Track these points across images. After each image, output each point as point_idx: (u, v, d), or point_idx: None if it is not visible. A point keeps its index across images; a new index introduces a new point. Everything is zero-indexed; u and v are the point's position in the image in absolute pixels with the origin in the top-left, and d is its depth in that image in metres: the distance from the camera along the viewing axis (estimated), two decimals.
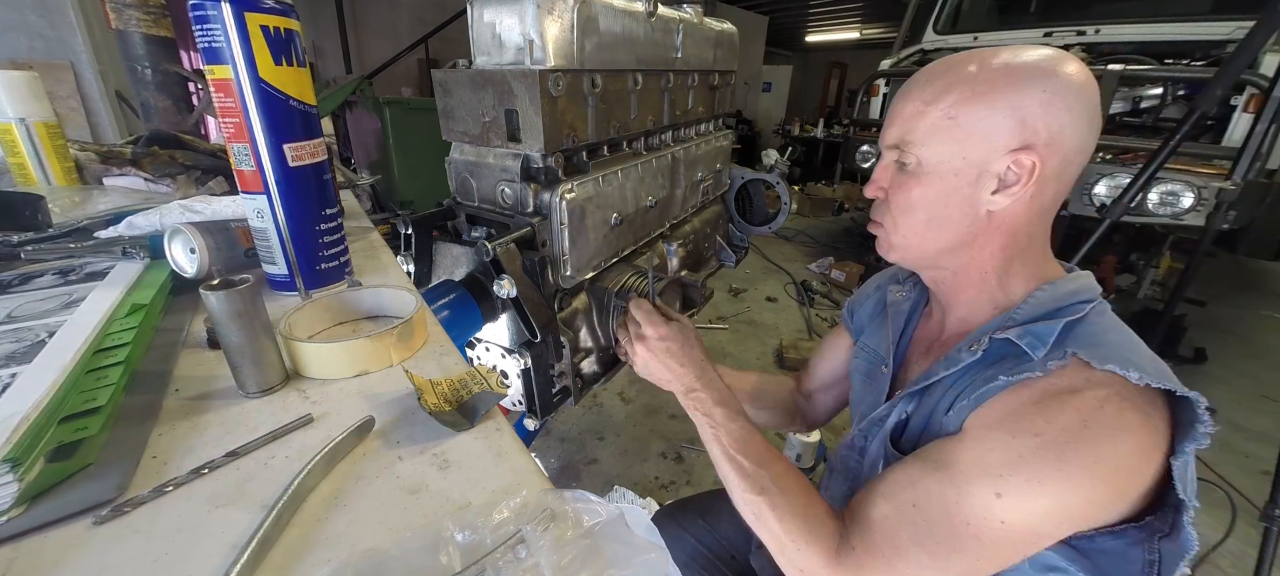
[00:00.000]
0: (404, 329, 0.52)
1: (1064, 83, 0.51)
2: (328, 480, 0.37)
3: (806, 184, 6.73)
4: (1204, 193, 2.20)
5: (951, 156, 0.55)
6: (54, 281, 0.61)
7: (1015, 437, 0.47)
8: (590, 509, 0.34)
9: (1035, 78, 0.51)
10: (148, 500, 0.34)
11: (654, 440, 2.07)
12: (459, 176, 0.83)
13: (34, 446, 0.34)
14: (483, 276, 0.78)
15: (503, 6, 0.69)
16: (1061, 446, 0.45)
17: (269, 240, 0.60)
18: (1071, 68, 0.52)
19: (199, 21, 0.50)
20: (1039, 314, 0.55)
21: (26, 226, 0.71)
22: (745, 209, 1.52)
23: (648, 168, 0.95)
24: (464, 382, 0.46)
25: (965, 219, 0.57)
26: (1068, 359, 0.48)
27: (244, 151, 0.55)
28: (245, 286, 0.43)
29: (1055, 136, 0.52)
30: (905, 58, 3.58)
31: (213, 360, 0.50)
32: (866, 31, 10.93)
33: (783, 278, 3.80)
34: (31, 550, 0.31)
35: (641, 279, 0.87)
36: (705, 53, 1.10)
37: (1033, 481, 0.45)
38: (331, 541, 0.33)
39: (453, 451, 0.41)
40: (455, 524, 0.33)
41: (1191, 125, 1.24)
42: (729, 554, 0.91)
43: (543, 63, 0.69)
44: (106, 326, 0.49)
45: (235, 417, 0.43)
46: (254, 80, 0.52)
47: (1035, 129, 0.52)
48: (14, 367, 0.42)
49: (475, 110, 0.75)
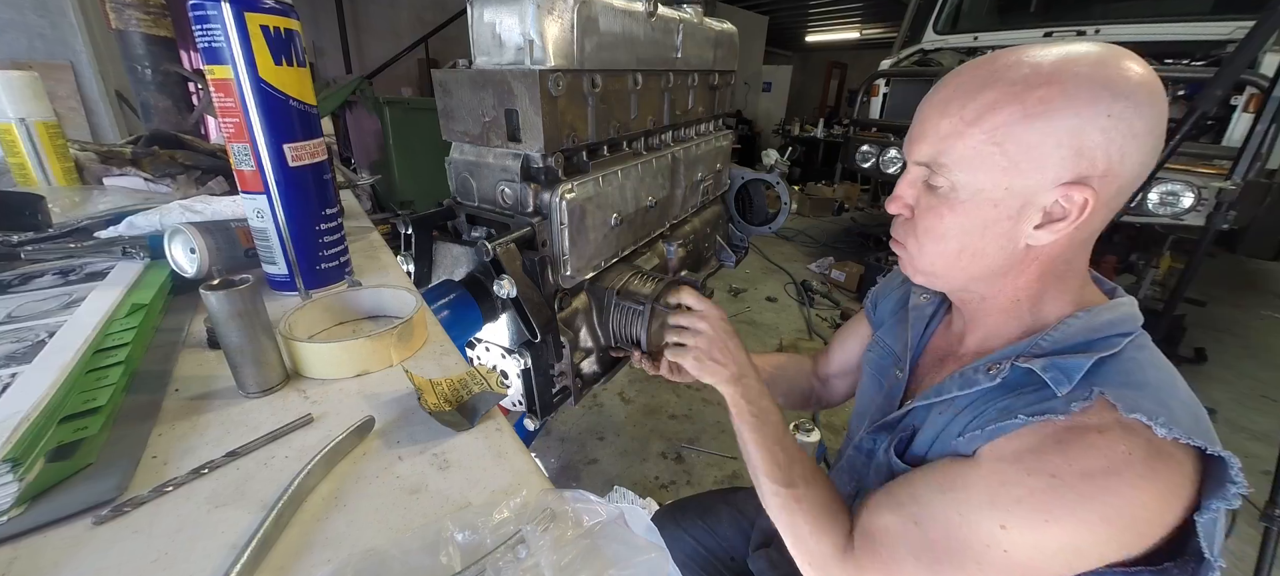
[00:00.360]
0: (404, 329, 0.52)
1: (1132, 101, 0.43)
2: (328, 480, 0.37)
3: (806, 184, 6.73)
4: (1204, 192, 2.20)
5: (993, 186, 0.48)
6: (54, 281, 0.61)
7: (1030, 475, 0.44)
8: (590, 509, 0.34)
9: (1099, 96, 0.43)
10: (148, 500, 0.34)
11: (654, 440, 2.07)
12: (459, 176, 0.83)
13: (34, 446, 0.34)
14: (483, 276, 0.78)
15: (503, 6, 0.69)
16: (1078, 490, 0.42)
17: (269, 240, 0.60)
18: (1137, 74, 0.44)
19: (199, 21, 0.50)
20: (1068, 344, 0.50)
21: (26, 226, 0.70)
22: (745, 209, 1.52)
23: (648, 168, 0.95)
24: (464, 382, 0.46)
25: (1001, 252, 0.51)
26: (1093, 399, 0.44)
27: (244, 151, 0.55)
28: (245, 286, 0.43)
29: (1114, 166, 0.45)
30: (905, 58, 3.58)
31: (213, 360, 0.50)
32: (866, 31, 10.93)
33: (783, 278, 3.80)
34: (31, 550, 0.31)
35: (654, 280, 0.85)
36: (705, 52, 1.10)
37: (1043, 519, 0.43)
38: (331, 541, 0.33)
39: (453, 451, 0.41)
40: (455, 524, 0.33)
41: (1192, 125, 1.24)
42: (728, 555, 0.91)
43: (543, 62, 0.69)
44: (106, 326, 0.49)
45: (235, 417, 0.43)
46: (254, 80, 0.52)
47: (1093, 159, 0.45)
48: (14, 367, 0.42)
49: (475, 110, 0.75)
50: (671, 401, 2.26)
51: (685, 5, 1.01)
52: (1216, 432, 0.43)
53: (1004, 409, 0.49)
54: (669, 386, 2.35)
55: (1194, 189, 2.23)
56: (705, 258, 1.35)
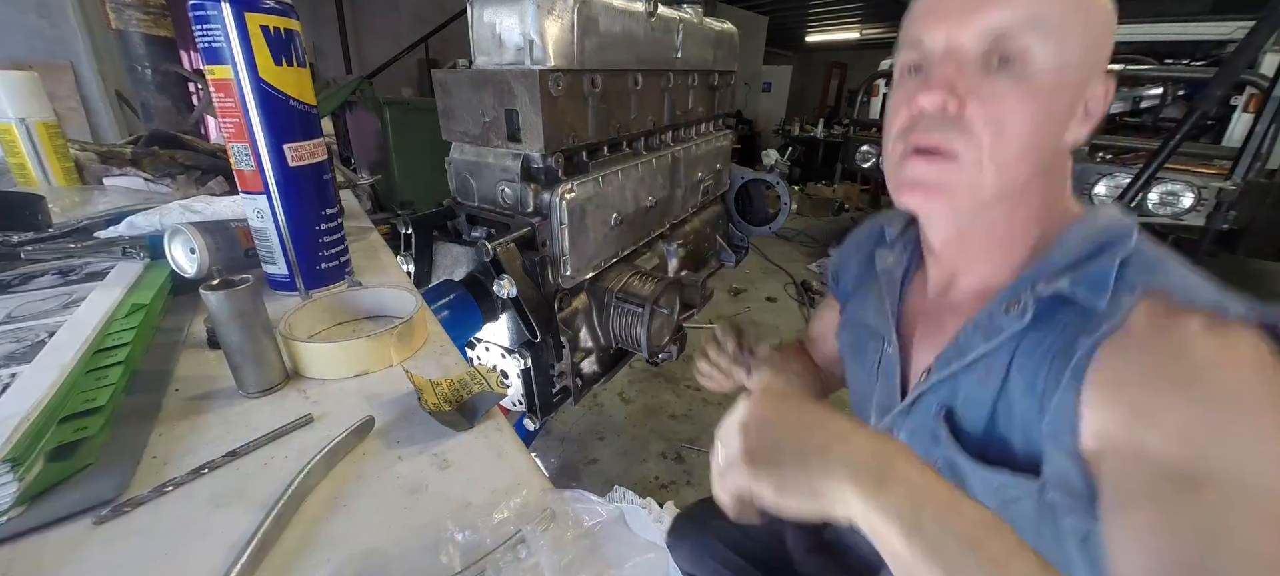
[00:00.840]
0: (404, 329, 0.52)
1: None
2: (328, 480, 0.37)
3: (806, 184, 6.73)
4: (1204, 193, 2.21)
5: (1076, 64, 0.41)
6: (54, 281, 0.61)
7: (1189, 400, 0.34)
8: (590, 508, 0.34)
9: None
10: (148, 500, 0.34)
11: (654, 440, 2.07)
12: (459, 176, 0.83)
13: (34, 446, 0.34)
14: (483, 276, 0.78)
15: (503, 6, 0.69)
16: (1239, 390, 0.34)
17: (269, 240, 0.60)
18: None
19: (199, 22, 0.50)
20: (1079, 256, 0.43)
21: (26, 226, 0.70)
22: (745, 209, 1.52)
23: (648, 168, 0.95)
24: (464, 382, 0.46)
25: (1049, 152, 0.44)
26: (1137, 296, 0.38)
27: (244, 151, 0.55)
28: (245, 286, 0.43)
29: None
30: None
31: (213, 360, 0.50)
32: (866, 31, 10.92)
33: (782, 278, 3.80)
34: (31, 550, 0.31)
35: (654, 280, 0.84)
36: (705, 53, 1.10)
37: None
38: (332, 541, 0.33)
39: (453, 451, 0.41)
40: (455, 524, 0.33)
41: (1191, 125, 1.24)
42: (763, 555, 0.77)
43: (543, 63, 0.69)
44: (106, 326, 0.49)
45: (235, 417, 0.43)
46: (254, 80, 0.52)
47: (1108, 48, 0.43)
48: (14, 367, 0.42)
49: (475, 110, 0.75)
50: (672, 401, 2.26)
51: (685, 5, 1.01)
52: None
53: (1055, 347, 0.41)
54: (669, 386, 2.35)
55: (1194, 189, 2.23)
56: (705, 258, 1.35)
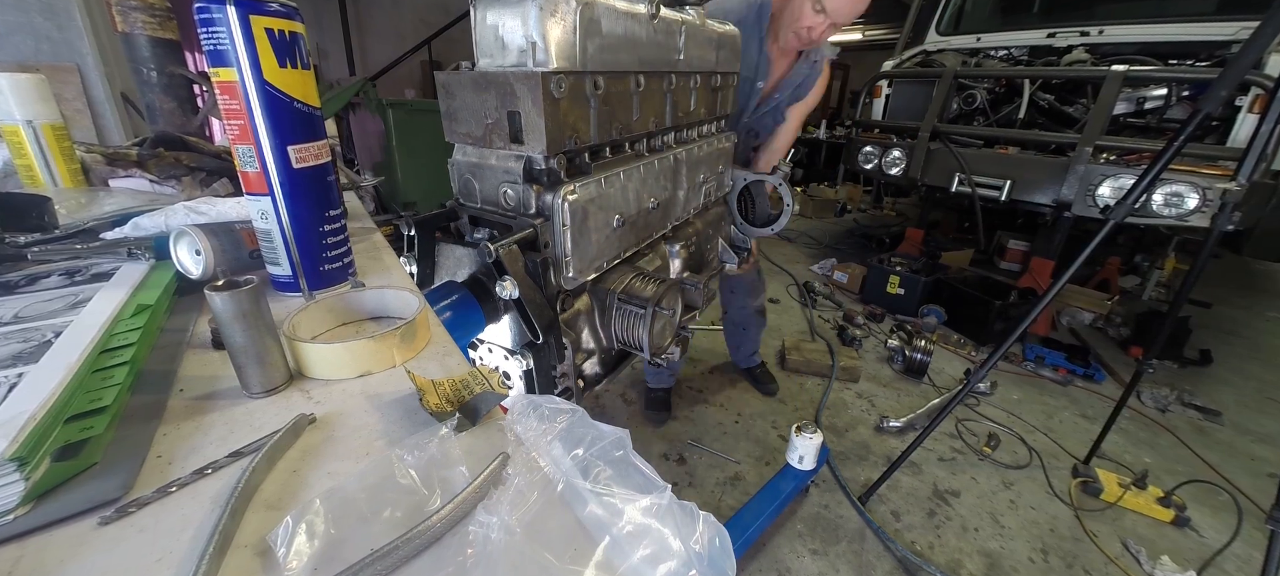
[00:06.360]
0: (407, 330, 0.52)
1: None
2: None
3: (809, 185, 6.72)
4: (1209, 194, 2.19)
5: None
6: (60, 282, 0.61)
7: None
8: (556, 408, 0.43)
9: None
10: (152, 500, 0.34)
11: (656, 441, 2.07)
12: (462, 178, 0.83)
13: (40, 445, 0.34)
14: (485, 277, 0.78)
15: (506, 9, 0.69)
16: None
17: (273, 241, 0.60)
18: None
19: (204, 24, 0.50)
20: None
21: (33, 227, 0.71)
22: (748, 210, 1.52)
23: (650, 169, 0.95)
24: (466, 383, 0.46)
25: None
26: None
27: (248, 153, 0.56)
28: (249, 287, 0.43)
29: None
30: (908, 59, 3.57)
31: (217, 360, 0.50)
32: (869, 32, 10.91)
33: (785, 279, 3.79)
34: (37, 549, 0.31)
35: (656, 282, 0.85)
36: (707, 54, 1.10)
37: None
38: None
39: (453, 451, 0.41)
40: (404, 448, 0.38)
41: (1196, 126, 1.24)
42: None
43: (545, 65, 0.69)
44: (112, 327, 0.49)
45: (239, 418, 0.43)
46: (258, 82, 0.53)
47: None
48: (20, 367, 0.42)
49: (478, 112, 0.75)
50: (673, 402, 2.26)
51: (687, 7, 1.01)
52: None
53: None
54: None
55: (1199, 190, 2.22)
56: (707, 259, 1.35)
